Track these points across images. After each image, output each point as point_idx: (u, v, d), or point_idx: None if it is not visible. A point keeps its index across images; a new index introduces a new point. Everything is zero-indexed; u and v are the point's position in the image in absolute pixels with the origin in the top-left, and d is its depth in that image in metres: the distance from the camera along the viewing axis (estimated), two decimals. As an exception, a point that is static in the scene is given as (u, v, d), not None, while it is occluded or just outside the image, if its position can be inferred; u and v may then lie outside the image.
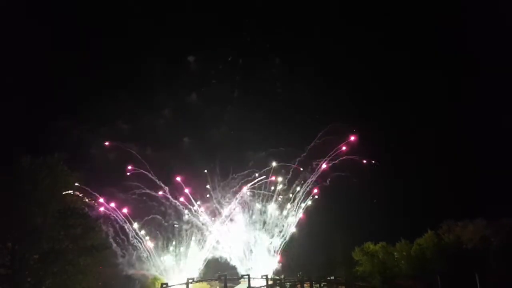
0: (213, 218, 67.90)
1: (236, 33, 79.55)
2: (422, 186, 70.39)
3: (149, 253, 64.24)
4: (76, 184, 49.02)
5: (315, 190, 70.03)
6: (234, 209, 68.64)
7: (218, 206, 68.32)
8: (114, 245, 54.77)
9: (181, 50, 77.54)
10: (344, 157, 70.23)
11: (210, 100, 76.34)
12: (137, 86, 73.75)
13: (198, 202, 67.91)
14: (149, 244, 64.36)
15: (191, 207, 66.83)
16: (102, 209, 58.42)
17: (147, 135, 70.30)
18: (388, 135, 73.29)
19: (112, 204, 60.90)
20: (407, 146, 73.64)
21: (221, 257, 67.33)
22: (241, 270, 64.56)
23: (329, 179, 71.97)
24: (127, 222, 61.51)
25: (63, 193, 39.67)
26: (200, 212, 66.92)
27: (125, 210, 61.65)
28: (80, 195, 49.84)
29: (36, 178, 35.73)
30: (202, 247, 66.46)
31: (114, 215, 59.99)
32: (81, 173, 45.09)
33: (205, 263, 65.90)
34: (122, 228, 60.36)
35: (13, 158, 36.74)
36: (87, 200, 53.73)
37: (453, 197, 65.89)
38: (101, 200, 58.86)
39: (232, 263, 67.04)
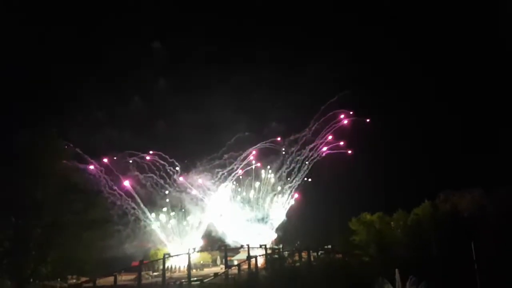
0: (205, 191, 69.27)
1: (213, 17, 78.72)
2: (420, 156, 71.01)
3: (151, 225, 65.40)
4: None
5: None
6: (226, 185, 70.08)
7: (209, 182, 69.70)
8: (116, 217, 55.33)
9: (151, 34, 77.19)
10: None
11: (182, 85, 76.46)
12: (108, 72, 73.24)
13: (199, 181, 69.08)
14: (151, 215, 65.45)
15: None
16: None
17: (123, 120, 70.57)
18: (387, 105, 73.13)
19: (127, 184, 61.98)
20: (405, 116, 73.63)
21: (216, 230, 68.96)
22: (230, 242, 66.35)
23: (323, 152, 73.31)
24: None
25: (61, 165, 39.36)
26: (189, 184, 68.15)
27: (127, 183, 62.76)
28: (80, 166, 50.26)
29: (34, 152, 35.41)
30: (200, 221, 67.90)
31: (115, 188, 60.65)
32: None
33: (203, 235, 67.46)
34: (124, 201, 61.28)
35: (10, 132, 36.35)
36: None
37: (450, 167, 66.63)
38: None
39: (225, 234, 68.71)
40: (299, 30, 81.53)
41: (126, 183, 63.11)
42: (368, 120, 73.32)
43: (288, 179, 74.67)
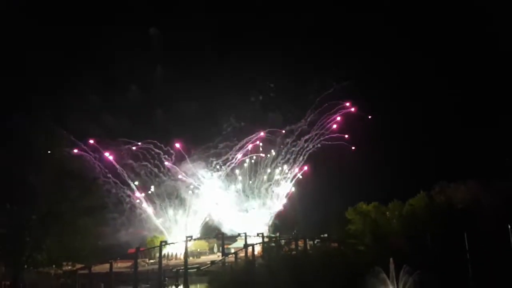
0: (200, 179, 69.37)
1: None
2: (416, 148, 71.26)
3: (148, 212, 65.56)
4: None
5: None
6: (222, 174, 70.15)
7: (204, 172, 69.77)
8: (111, 206, 55.34)
9: (148, 22, 76.46)
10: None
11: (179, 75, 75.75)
12: (104, 60, 72.28)
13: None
14: (147, 204, 65.54)
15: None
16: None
17: (119, 108, 70.17)
18: (384, 98, 73.08)
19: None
20: (402, 108, 73.54)
21: (212, 218, 69.22)
22: (227, 230, 66.61)
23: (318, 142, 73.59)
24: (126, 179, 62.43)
25: (58, 152, 39.24)
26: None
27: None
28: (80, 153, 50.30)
29: (30, 139, 35.21)
30: (196, 210, 68.09)
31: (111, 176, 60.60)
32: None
33: (202, 223, 67.75)
34: (121, 189, 61.31)
35: (6, 120, 36.14)
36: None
37: (446, 159, 66.98)
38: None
39: (221, 223, 68.97)
40: (299, 22, 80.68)
41: (107, 155, 63.04)
42: (370, 117, 74.00)
43: (284, 168, 75.08)
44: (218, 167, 71.76)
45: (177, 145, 68.09)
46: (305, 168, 75.79)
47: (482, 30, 68.19)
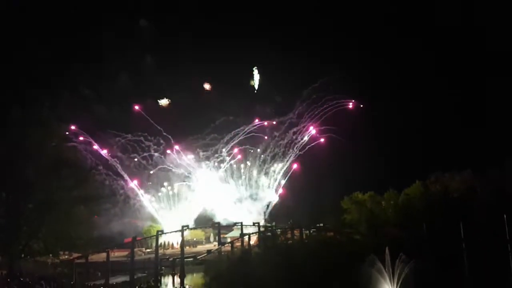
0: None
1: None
2: (412, 138, 71.40)
3: (143, 202, 65.41)
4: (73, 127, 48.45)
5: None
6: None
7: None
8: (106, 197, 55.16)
9: (139, 13, 75.57)
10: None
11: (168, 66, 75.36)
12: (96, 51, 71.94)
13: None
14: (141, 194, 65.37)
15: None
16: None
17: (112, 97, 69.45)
18: (380, 91, 73.00)
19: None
20: (398, 97, 73.50)
21: (205, 209, 69.33)
22: (221, 219, 66.83)
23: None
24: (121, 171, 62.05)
25: (53, 144, 39.00)
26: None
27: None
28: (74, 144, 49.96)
29: (26, 130, 34.89)
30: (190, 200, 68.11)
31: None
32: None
33: (197, 213, 67.80)
34: (114, 180, 61.02)
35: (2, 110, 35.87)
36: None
37: (441, 149, 67.23)
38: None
39: (214, 214, 69.10)
40: (300, 21, 79.84)
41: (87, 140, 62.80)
42: (361, 106, 74.00)
43: (271, 163, 75.48)
44: (207, 157, 71.71)
45: (136, 107, 67.77)
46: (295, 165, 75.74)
47: (482, 31, 68.02)
